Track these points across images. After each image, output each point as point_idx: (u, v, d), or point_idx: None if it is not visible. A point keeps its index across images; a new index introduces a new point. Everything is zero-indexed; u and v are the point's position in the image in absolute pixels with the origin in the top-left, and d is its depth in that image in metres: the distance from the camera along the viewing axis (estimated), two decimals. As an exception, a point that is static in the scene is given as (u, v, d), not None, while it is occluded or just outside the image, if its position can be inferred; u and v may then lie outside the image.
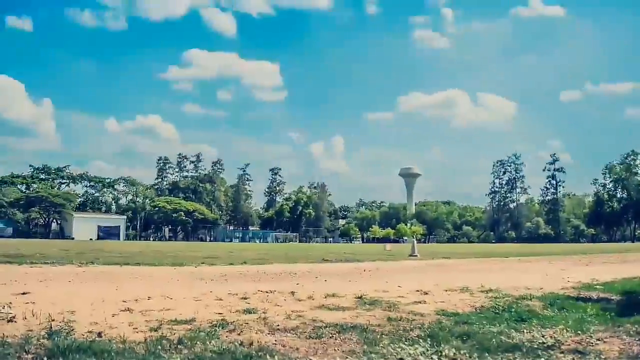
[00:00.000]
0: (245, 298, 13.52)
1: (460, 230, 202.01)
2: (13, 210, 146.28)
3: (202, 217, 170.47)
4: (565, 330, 9.56)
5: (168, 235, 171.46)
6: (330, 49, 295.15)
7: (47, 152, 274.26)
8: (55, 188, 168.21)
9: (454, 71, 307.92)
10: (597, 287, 17.41)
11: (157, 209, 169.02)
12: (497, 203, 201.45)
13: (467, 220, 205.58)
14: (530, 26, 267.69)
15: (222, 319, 10.33)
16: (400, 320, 10.70)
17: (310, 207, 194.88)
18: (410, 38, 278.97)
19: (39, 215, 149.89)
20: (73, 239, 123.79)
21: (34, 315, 10.19)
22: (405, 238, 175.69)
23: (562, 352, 8.16)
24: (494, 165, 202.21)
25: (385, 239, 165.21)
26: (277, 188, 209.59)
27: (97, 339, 8.46)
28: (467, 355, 7.91)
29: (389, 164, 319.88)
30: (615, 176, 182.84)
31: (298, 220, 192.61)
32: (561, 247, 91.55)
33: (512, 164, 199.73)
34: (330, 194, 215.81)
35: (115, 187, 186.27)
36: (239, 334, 9.09)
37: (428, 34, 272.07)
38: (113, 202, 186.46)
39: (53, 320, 9.78)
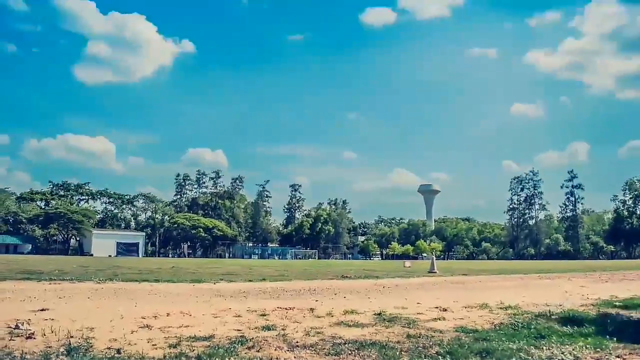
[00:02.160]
0: (264, 315, 13.52)
1: (479, 246, 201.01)
2: (32, 226, 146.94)
3: (221, 233, 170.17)
4: (584, 348, 9.50)
5: (187, 251, 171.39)
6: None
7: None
8: (75, 204, 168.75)
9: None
10: (617, 304, 17.29)
11: (176, 225, 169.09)
12: (515, 220, 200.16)
13: (486, 237, 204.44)
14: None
15: (241, 336, 10.32)
16: (419, 337, 10.66)
17: (330, 224, 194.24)
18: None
19: (58, 232, 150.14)
20: (92, 255, 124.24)
21: (53, 332, 10.22)
22: (424, 254, 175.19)
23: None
24: (511, 182, 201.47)
25: (404, 256, 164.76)
26: (297, 204, 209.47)
27: (116, 355, 8.47)
28: (487, 372, 7.86)
29: (408, 181, 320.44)
30: (635, 192, 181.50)
31: (317, 236, 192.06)
32: (580, 263, 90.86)
33: (530, 181, 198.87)
34: (349, 211, 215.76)
35: (134, 203, 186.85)
36: (257, 351, 9.07)
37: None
38: (132, 218, 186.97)
39: (72, 336, 9.80)
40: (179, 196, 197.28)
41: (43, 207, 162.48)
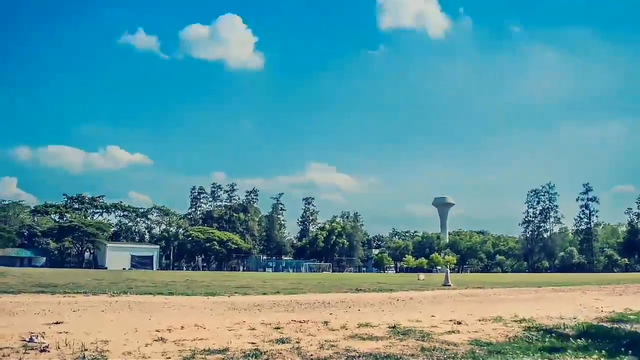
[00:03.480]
0: (278, 328, 13.52)
1: (493, 259, 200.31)
2: (46, 239, 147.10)
3: (235, 246, 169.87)
4: (598, 360, 9.47)
5: (201, 264, 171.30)
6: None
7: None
8: (89, 217, 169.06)
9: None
10: (631, 316, 17.24)
11: (190, 238, 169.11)
12: (530, 233, 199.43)
13: (500, 250, 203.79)
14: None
15: (255, 349, 10.32)
16: (433, 350, 10.64)
17: (344, 237, 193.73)
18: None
19: (72, 245, 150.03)
20: (106, 268, 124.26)
21: (67, 345, 10.25)
22: (438, 267, 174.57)
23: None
24: (528, 195, 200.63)
25: (418, 269, 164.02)
26: (311, 217, 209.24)
27: (130, 368, 8.49)
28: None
29: (422, 194, 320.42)
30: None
31: (331, 249, 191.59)
32: (594, 276, 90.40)
33: (546, 194, 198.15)
34: (363, 224, 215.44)
35: (148, 216, 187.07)
36: (271, 364, 9.07)
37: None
38: (146, 231, 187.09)
39: (86, 349, 9.83)
40: (193, 209, 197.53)
41: (57, 220, 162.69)
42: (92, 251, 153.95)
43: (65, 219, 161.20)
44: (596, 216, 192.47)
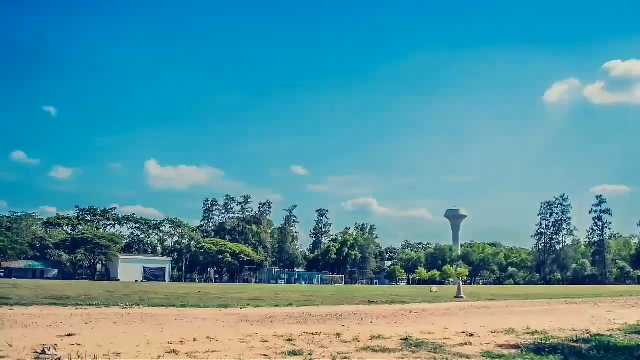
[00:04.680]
0: (290, 340, 13.50)
1: (506, 271, 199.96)
2: (59, 251, 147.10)
3: (248, 258, 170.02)
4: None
5: (213, 276, 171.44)
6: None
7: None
8: (101, 230, 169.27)
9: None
10: (644, 329, 17.16)
11: (202, 250, 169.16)
12: (543, 245, 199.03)
13: (513, 262, 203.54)
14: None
15: (267, 361, 10.31)
16: (446, 362, 10.60)
17: (357, 249, 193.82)
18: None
19: (84, 257, 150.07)
20: (119, 280, 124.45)
21: (79, 357, 10.26)
22: (451, 279, 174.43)
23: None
24: (541, 207, 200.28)
25: (430, 281, 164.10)
26: (323, 229, 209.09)
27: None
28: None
29: (435, 206, 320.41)
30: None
31: (344, 261, 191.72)
32: (607, 288, 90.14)
33: (559, 206, 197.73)
34: (376, 236, 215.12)
35: (161, 228, 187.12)
36: (284, 376, 9.06)
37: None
38: (159, 243, 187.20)
39: (99, 362, 9.83)
40: (206, 221, 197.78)
41: (70, 232, 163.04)
42: (104, 263, 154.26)
43: (77, 231, 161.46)
44: (609, 228, 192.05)
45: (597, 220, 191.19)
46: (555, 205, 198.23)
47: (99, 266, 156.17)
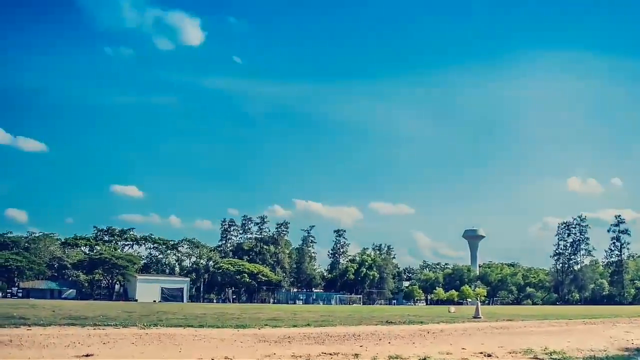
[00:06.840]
0: (308, 360, 13.38)
1: (524, 291, 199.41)
2: (76, 272, 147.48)
3: (266, 279, 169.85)
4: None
5: (231, 297, 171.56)
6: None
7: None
8: (119, 250, 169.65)
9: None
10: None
11: (220, 270, 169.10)
12: (561, 265, 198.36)
13: (531, 282, 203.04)
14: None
15: (285, 382, 10.20)
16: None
17: (375, 269, 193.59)
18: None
19: (102, 277, 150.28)
20: (136, 300, 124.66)
21: (97, 377, 10.16)
22: (469, 300, 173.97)
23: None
24: (559, 227, 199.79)
25: (448, 301, 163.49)
26: (341, 250, 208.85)
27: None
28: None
29: (453, 226, 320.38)
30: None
31: (362, 282, 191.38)
32: (625, 309, 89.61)
33: (577, 226, 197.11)
34: (394, 257, 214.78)
35: (178, 249, 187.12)
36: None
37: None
38: (176, 263, 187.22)
39: (116, 382, 9.74)
40: (224, 241, 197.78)
41: (87, 252, 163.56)
42: (122, 283, 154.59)
43: (95, 251, 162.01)
44: (627, 248, 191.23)
45: (615, 241, 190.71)
46: (573, 226, 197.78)
47: (116, 286, 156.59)
